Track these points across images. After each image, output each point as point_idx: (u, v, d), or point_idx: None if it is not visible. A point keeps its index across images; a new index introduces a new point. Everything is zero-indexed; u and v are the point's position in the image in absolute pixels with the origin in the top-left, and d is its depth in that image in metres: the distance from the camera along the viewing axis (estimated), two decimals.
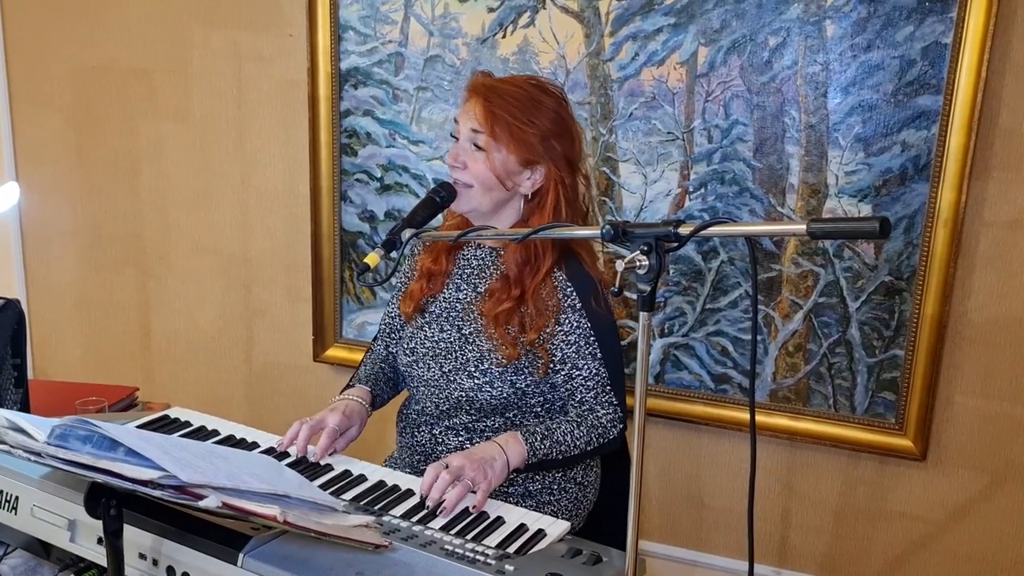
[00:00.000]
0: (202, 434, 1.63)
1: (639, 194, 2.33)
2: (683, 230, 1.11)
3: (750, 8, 2.15)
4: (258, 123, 2.71)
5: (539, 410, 1.69)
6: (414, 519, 1.34)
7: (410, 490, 1.45)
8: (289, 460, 1.55)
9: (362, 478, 1.50)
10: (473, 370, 1.65)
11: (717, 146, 2.25)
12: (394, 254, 1.48)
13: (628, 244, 1.15)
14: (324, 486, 1.44)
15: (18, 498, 1.30)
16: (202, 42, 2.70)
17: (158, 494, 0.99)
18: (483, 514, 1.38)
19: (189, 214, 2.86)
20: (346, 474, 1.51)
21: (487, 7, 2.36)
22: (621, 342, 1.72)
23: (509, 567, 1.17)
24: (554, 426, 1.61)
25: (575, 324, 1.63)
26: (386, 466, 1.69)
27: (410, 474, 1.53)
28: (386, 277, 1.71)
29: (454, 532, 1.30)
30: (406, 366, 1.77)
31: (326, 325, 2.74)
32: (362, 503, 1.39)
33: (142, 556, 1.18)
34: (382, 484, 1.47)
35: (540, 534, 1.33)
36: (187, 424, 1.66)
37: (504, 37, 2.36)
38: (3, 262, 3.04)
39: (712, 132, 2.24)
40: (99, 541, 1.20)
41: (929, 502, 2.29)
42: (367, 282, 2.56)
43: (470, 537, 1.29)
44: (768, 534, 2.45)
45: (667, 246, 1.13)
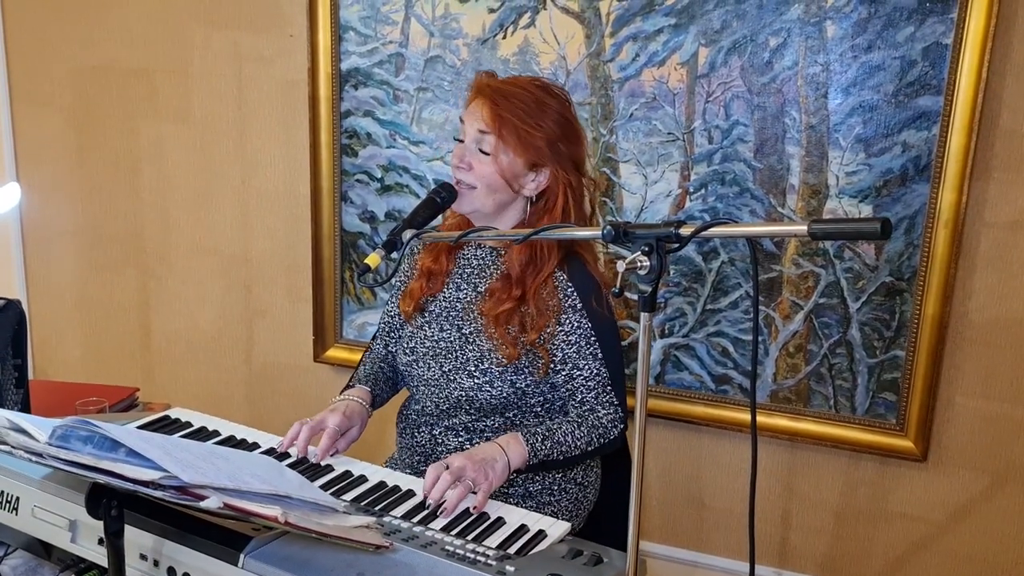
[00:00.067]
0: (203, 435, 1.63)
1: (639, 195, 2.33)
2: (684, 231, 1.11)
3: (751, 9, 2.15)
4: (258, 123, 2.71)
5: (539, 410, 1.69)
6: (415, 520, 1.34)
7: (411, 491, 1.45)
8: (290, 461, 1.55)
9: (363, 479, 1.50)
10: (473, 370, 1.65)
11: (718, 147, 2.25)
12: (395, 255, 1.48)
13: (629, 245, 1.15)
14: (325, 487, 1.44)
15: (19, 498, 1.30)
16: (203, 42, 2.70)
17: (159, 495, 0.99)
18: (484, 515, 1.38)
19: (190, 214, 2.86)
20: (347, 475, 1.51)
21: (488, 8, 2.36)
22: (622, 342, 1.72)
23: (510, 568, 1.17)
24: (555, 427, 1.61)
25: (576, 324, 1.63)
26: (386, 467, 1.69)
27: (410, 475, 1.53)
28: (387, 278, 1.70)
29: (455, 533, 1.30)
30: (406, 365, 1.76)
31: (326, 325, 2.74)
32: (363, 504, 1.39)
33: (143, 557, 1.19)
34: (383, 485, 1.47)
35: (541, 535, 1.33)
36: (188, 425, 1.66)
37: (505, 38, 2.36)
38: (4, 262, 3.04)
39: (712, 133, 2.24)
40: (100, 542, 1.20)
41: (930, 503, 2.29)
42: (368, 283, 2.56)
43: (471, 538, 1.29)
44: (769, 535, 2.45)
45: (668, 247, 1.13)
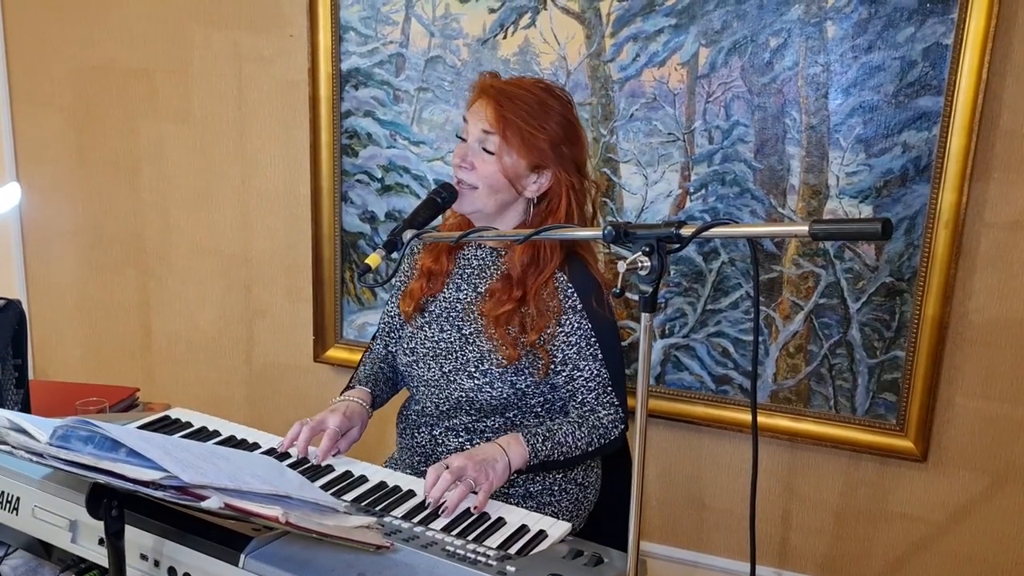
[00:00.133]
0: (203, 435, 1.63)
1: (640, 195, 2.33)
2: (685, 231, 1.11)
3: (751, 9, 2.15)
4: (259, 124, 2.71)
5: (539, 410, 1.69)
6: (415, 520, 1.34)
7: (411, 491, 1.45)
8: (290, 461, 1.55)
9: (363, 479, 1.49)
10: (473, 370, 1.65)
11: (718, 147, 2.25)
12: (395, 255, 1.48)
13: (630, 245, 1.15)
14: (325, 487, 1.44)
15: (19, 499, 1.30)
16: (203, 42, 2.70)
17: (160, 495, 0.99)
18: (484, 515, 1.38)
19: (190, 214, 2.86)
20: (347, 475, 1.51)
21: (488, 8, 2.36)
22: (622, 343, 1.71)
23: (511, 568, 1.17)
24: (555, 427, 1.60)
25: (576, 325, 1.63)
26: (386, 467, 1.69)
27: (411, 475, 1.53)
28: (387, 278, 1.70)
29: (455, 533, 1.30)
30: (406, 366, 1.76)
31: (327, 326, 2.74)
32: (363, 504, 1.39)
33: (143, 557, 1.18)
34: (383, 485, 1.47)
35: (541, 535, 1.33)
36: (188, 425, 1.66)
37: (505, 38, 2.36)
38: (4, 262, 3.04)
39: (713, 133, 2.24)
40: (100, 542, 1.20)
41: (930, 503, 2.29)
42: (368, 283, 2.56)
43: (471, 538, 1.29)
44: (769, 535, 2.45)
45: (669, 247, 1.13)
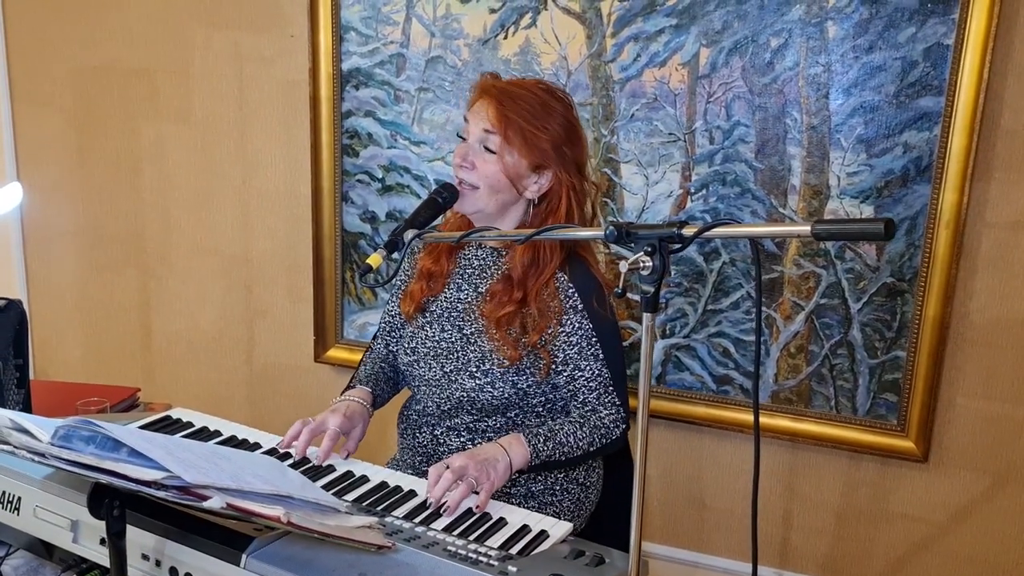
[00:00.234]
0: (204, 435, 1.62)
1: (641, 195, 2.33)
2: (687, 231, 1.11)
3: (752, 9, 2.15)
4: (259, 124, 2.71)
5: (541, 410, 1.69)
6: (416, 520, 1.34)
7: (412, 491, 1.45)
8: (291, 461, 1.55)
9: (364, 479, 1.49)
10: (475, 370, 1.65)
11: (719, 147, 2.25)
12: (396, 255, 1.48)
13: (631, 245, 1.15)
14: (326, 487, 1.43)
15: (21, 499, 1.30)
16: (203, 43, 2.70)
17: (162, 495, 0.99)
18: (486, 515, 1.38)
19: (190, 215, 2.86)
20: (348, 475, 1.51)
21: (489, 8, 2.36)
22: (623, 343, 1.71)
23: (512, 568, 1.17)
24: (557, 427, 1.60)
25: (577, 325, 1.63)
26: (388, 467, 1.68)
27: (412, 475, 1.52)
28: (388, 278, 1.70)
29: (457, 533, 1.30)
30: (407, 365, 1.76)
31: (327, 326, 2.74)
32: (364, 504, 1.39)
33: (145, 557, 1.18)
34: (384, 485, 1.47)
35: (543, 535, 1.33)
36: (189, 425, 1.66)
37: (506, 38, 2.36)
38: (4, 262, 3.04)
39: (714, 133, 2.24)
40: (102, 542, 1.20)
41: (931, 504, 2.29)
42: (369, 283, 2.56)
43: (473, 538, 1.29)
44: (770, 535, 2.44)
45: (671, 247, 1.13)
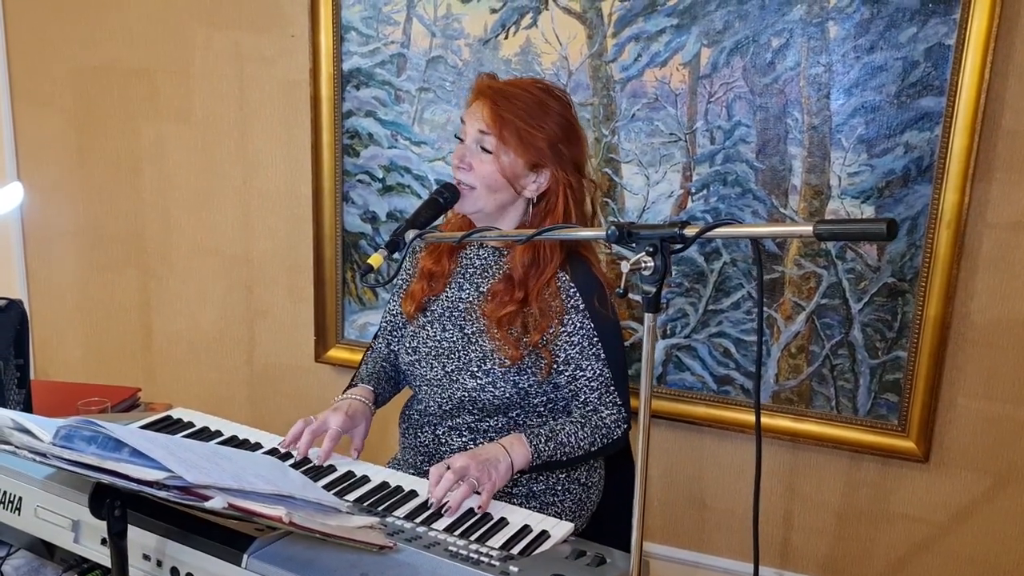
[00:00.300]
0: (205, 435, 1.62)
1: (641, 195, 2.33)
2: (689, 231, 1.11)
3: (753, 9, 2.14)
4: (260, 124, 2.71)
5: (542, 410, 1.69)
6: (418, 520, 1.34)
7: (413, 491, 1.45)
8: (292, 461, 1.55)
9: (365, 479, 1.49)
10: (476, 370, 1.65)
11: (720, 147, 2.25)
12: (397, 255, 1.48)
13: (633, 246, 1.15)
14: (328, 487, 1.43)
15: (22, 499, 1.30)
16: (204, 43, 2.70)
17: (163, 495, 0.99)
18: (487, 515, 1.38)
19: (191, 215, 2.86)
20: (349, 475, 1.51)
21: (489, 8, 2.36)
22: (624, 343, 1.71)
23: (513, 568, 1.17)
24: (558, 427, 1.60)
25: (578, 325, 1.63)
26: (389, 467, 1.68)
27: (413, 475, 1.52)
28: (389, 279, 1.70)
29: (458, 533, 1.30)
30: (408, 365, 1.76)
31: (328, 326, 2.74)
32: (366, 504, 1.39)
33: (146, 557, 1.18)
34: (385, 485, 1.47)
35: (544, 535, 1.33)
36: (190, 425, 1.66)
37: (506, 38, 2.36)
38: (4, 262, 3.04)
39: (715, 133, 2.24)
40: (103, 542, 1.20)
41: (931, 504, 2.29)
42: (370, 283, 2.56)
43: (474, 538, 1.29)
44: (770, 535, 2.44)
45: (672, 247, 1.13)
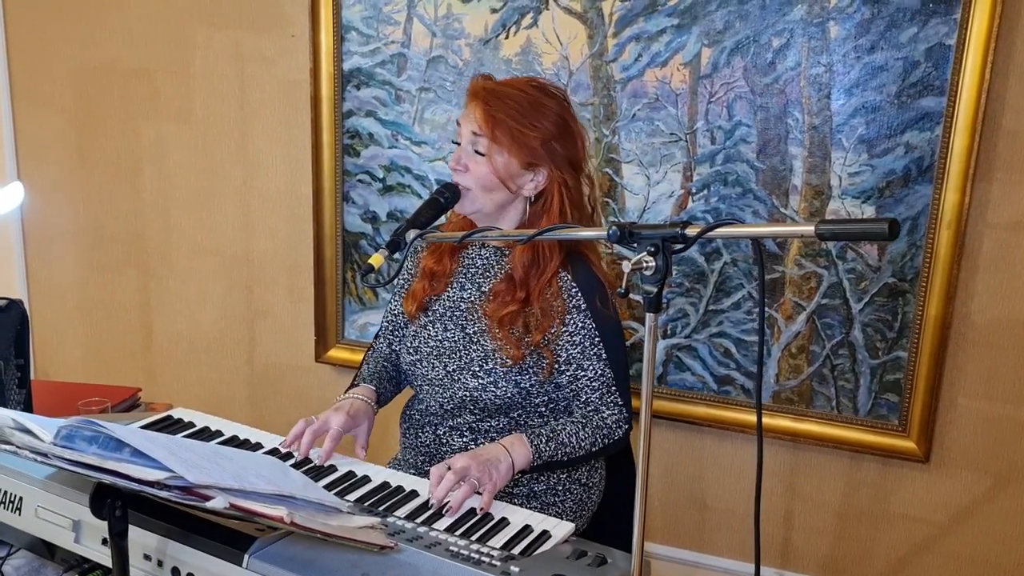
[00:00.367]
0: (206, 435, 1.62)
1: (642, 195, 2.33)
2: (690, 231, 1.10)
3: (753, 9, 2.14)
4: (260, 124, 2.70)
5: (543, 410, 1.69)
6: (419, 520, 1.34)
7: (414, 491, 1.45)
8: (293, 461, 1.55)
9: (366, 479, 1.49)
10: (477, 370, 1.65)
11: (720, 147, 2.25)
12: (398, 255, 1.48)
13: (634, 245, 1.15)
14: (328, 487, 1.43)
15: (22, 499, 1.29)
16: (204, 42, 2.70)
17: (165, 495, 0.99)
18: (488, 515, 1.38)
19: (191, 215, 2.86)
20: (350, 475, 1.51)
21: (490, 8, 2.36)
22: (626, 343, 1.71)
23: (514, 568, 1.17)
24: (559, 427, 1.60)
25: (580, 325, 1.63)
26: (390, 467, 1.68)
27: (414, 475, 1.52)
28: (390, 279, 1.71)
29: (459, 533, 1.30)
30: (409, 364, 1.76)
31: (328, 326, 2.74)
32: (367, 504, 1.39)
33: (147, 557, 1.18)
34: (386, 485, 1.47)
35: (545, 535, 1.33)
36: (191, 425, 1.66)
37: (507, 38, 2.36)
38: (5, 262, 3.04)
39: (715, 133, 2.24)
40: (104, 542, 1.20)
41: (932, 504, 2.29)
42: (370, 283, 2.56)
43: (475, 538, 1.29)
44: (771, 535, 2.44)
45: (674, 247, 1.13)
